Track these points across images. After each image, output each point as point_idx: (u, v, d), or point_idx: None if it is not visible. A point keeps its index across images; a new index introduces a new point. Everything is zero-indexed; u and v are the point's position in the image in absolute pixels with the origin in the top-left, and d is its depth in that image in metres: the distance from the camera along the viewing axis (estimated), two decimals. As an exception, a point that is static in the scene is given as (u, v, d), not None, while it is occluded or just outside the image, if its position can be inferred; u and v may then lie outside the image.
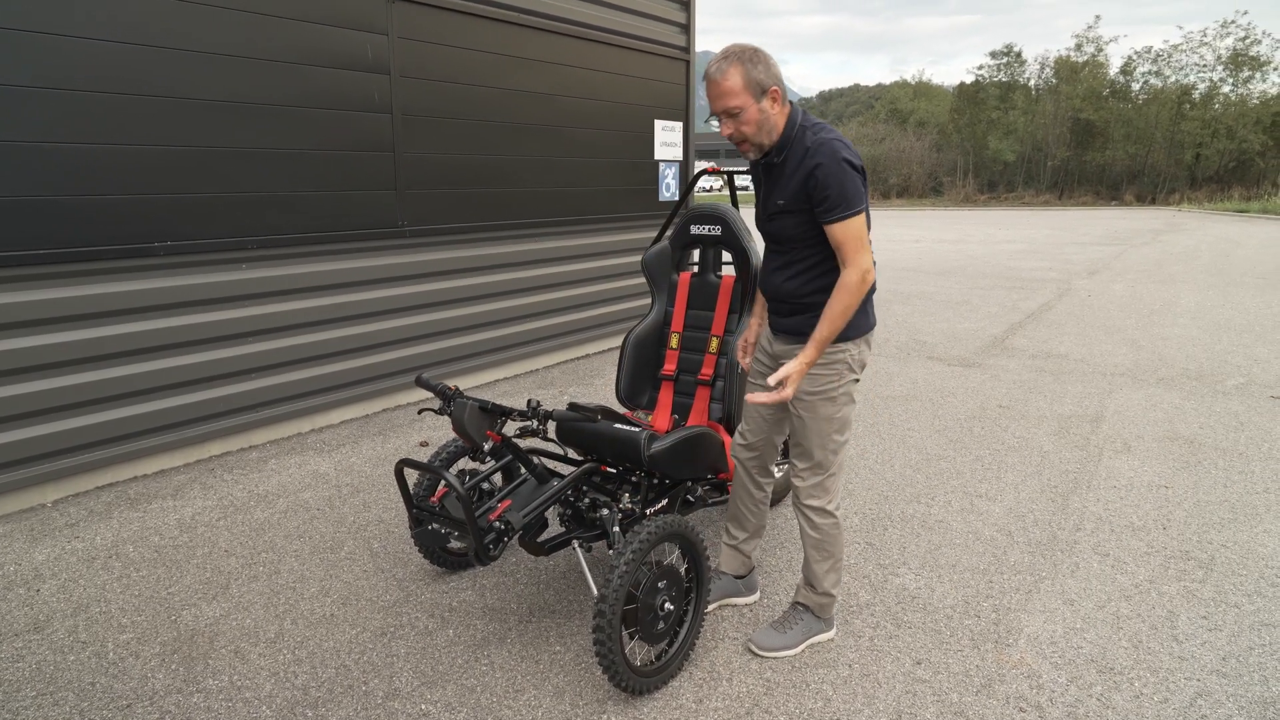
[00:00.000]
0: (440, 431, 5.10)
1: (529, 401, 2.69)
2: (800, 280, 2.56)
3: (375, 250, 5.32)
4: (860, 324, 2.58)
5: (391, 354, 5.52)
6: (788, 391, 2.42)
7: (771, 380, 2.43)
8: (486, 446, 2.67)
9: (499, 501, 2.67)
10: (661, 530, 2.49)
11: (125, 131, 4.07)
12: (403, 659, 2.75)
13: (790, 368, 2.43)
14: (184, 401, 4.47)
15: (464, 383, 6.10)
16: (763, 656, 2.74)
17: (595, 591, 2.51)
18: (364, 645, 2.82)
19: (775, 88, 2.40)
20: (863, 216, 2.42)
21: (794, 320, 2.62)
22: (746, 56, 2.37)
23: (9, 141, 3.72)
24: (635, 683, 2.46)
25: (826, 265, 2.52)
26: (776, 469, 3.86)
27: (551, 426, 4.84)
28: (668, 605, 2.54)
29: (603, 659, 2.37)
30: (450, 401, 2.65)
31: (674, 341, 3.68)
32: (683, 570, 2.63)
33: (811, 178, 2.39)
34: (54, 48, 3.79)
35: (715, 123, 2.49)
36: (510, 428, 4.84)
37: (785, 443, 3.95)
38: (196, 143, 4.34)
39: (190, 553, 3.50)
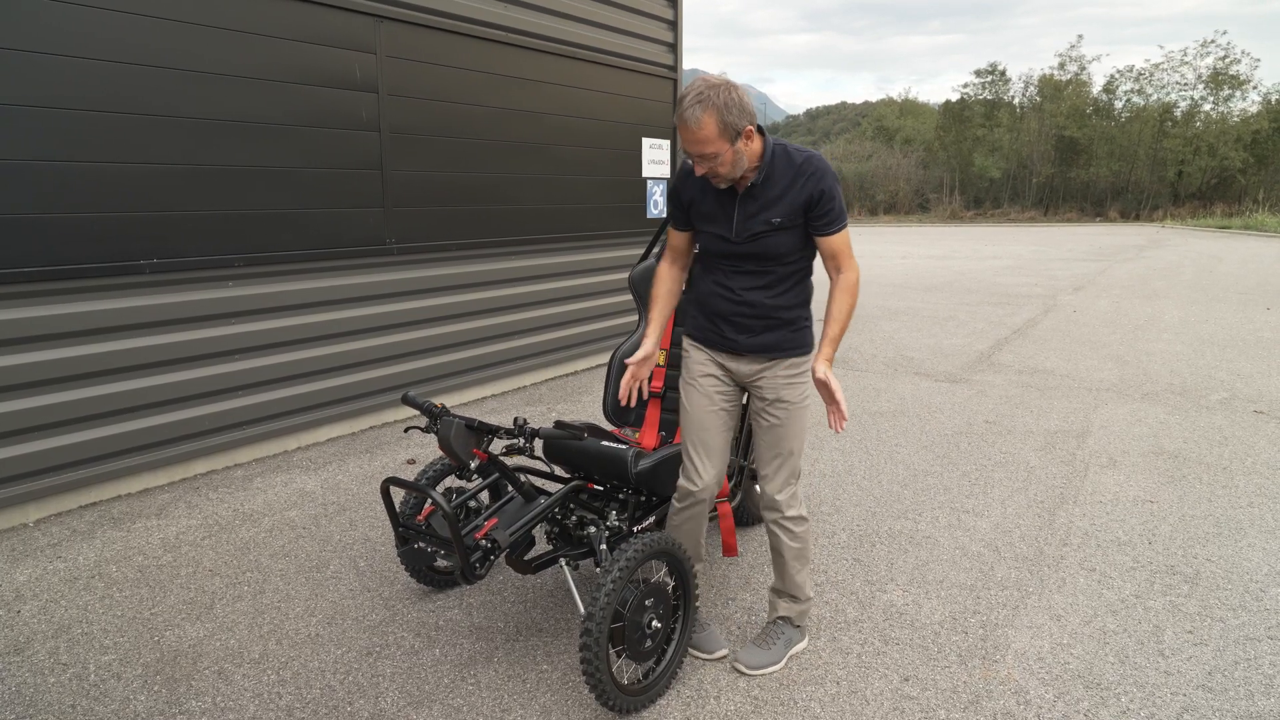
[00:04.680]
0: (427, 449, 5.08)
1: (515, 419, 2.69)
2: (783, 296, 2.62)
3: (363, 268, 5.32)
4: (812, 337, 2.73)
5: (379, 371, 5.50)
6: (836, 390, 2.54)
7: (825, 383, 2.53)
8: (473, 465, 2.67)
9: (485, 520, 2.66)
10: (649, 548, 2.49)
11: (112, 149, 4.07)
12: (389, 679, 2.73)
13: (825, 370, 2.54)
14: (169, 420, 4.44)
15: (451, 400, 6.08)
16: (751, 675, 2.73)
17: (582, 610, 2.50)
18: (349, 665, 2.80)
19: (750, 127, 2.39)
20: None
21: (768, 337, 2.63)
22: (720, 102, 2.33)
23: (-6, 159, 3.71)
24: (623, 701, 2.45)
25: (799, 278, 2.65)
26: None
27: (538, 444, 4.84)
28: (655, 623, 2.54)
29: (590, 677, 2.35)
30: (437, 419, 2.64)
31: (661, 358, 3.68)
32: (670, 588, 2.63)
33: (818, 193, 2.48)
34: (40, 66, 3.79)
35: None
36: (497, 445, 4.83)
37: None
38: (183, 160, 4.34)
39: (174, 572, 3.46)
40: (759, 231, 2.54)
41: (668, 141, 7.89)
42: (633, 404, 2.73)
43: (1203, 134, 35.20)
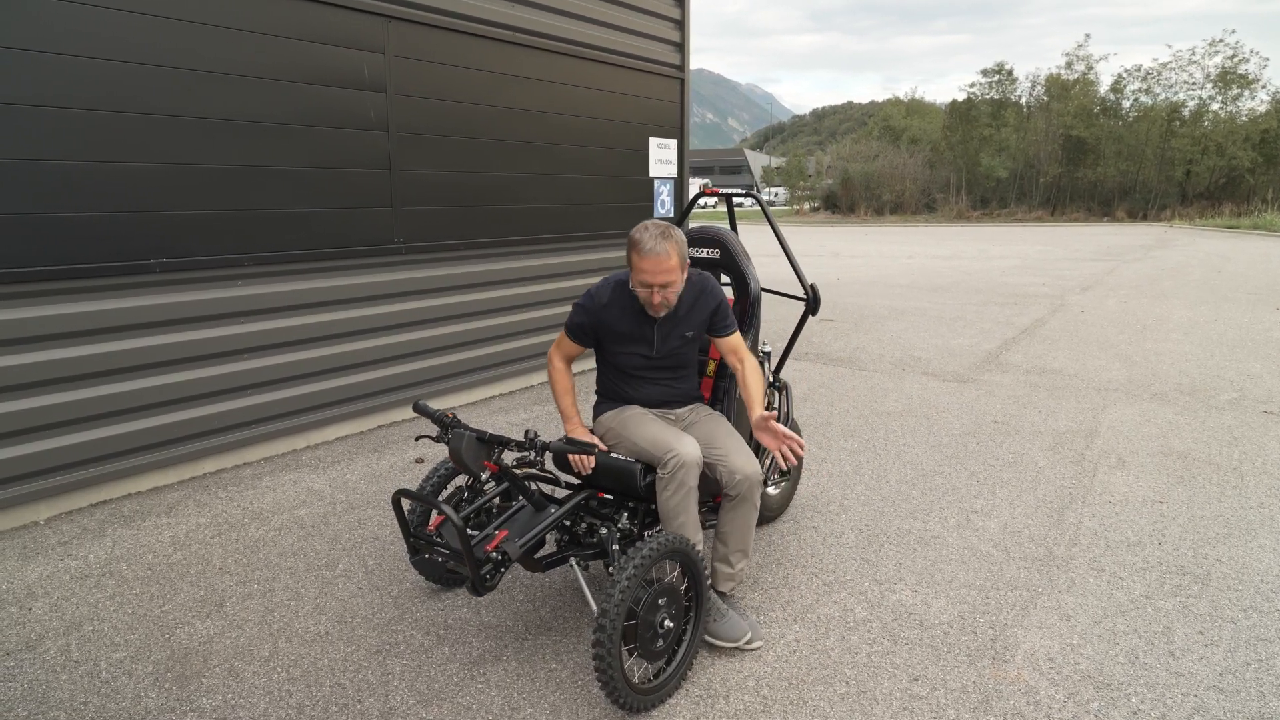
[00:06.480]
0: (435, 449, 5.09)
1: (526, 432, 2.69)
2: (691, 377, 3.17)
3: (371, 267, 5.33)
4: None
5: (387, 370, 5.51)
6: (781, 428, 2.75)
7: (768, 425, 2.72)
8: (484, 476, 2.66)
9: (496, 529, 2.65)
10: (662, 548, 2.49)
11: (121, 148, 4.08)
12: (398, 677, 2.73)
13: (770, 419, 2.74)
14: (178, 418, 4.45)
15: (459, 399, 6.09)
16: (752, 648, 2.87)
17: (594, 608, 2.51)
18: (359, 663, 2.81)
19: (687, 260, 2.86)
20: None
21: (684, 396, 3.15)
22: (677, 237, 2.75)
23: (5, 159, 3.72)
24: (634, 700, 2.45)
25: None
26: (773, 487, 3.88)
27: (549, 457, 4.83)
28: (667, 623, 2.54)
29: (602, 675, 2.36)
30: (448, 430, 2.63)
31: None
32: (682, 588, 2.63)
33: (715, 305, 2.97)
34: (51, 65, 3.81)
35: (640, 288, 2.78)
36: (507, 456, 4.83)
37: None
38: (193, 160, 4.36)
39: (184, 570, 3.48)
40: (676, 346, 2.99)
41: (675, 141, 7.89)
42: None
43: (1211, 133, 35.04)
